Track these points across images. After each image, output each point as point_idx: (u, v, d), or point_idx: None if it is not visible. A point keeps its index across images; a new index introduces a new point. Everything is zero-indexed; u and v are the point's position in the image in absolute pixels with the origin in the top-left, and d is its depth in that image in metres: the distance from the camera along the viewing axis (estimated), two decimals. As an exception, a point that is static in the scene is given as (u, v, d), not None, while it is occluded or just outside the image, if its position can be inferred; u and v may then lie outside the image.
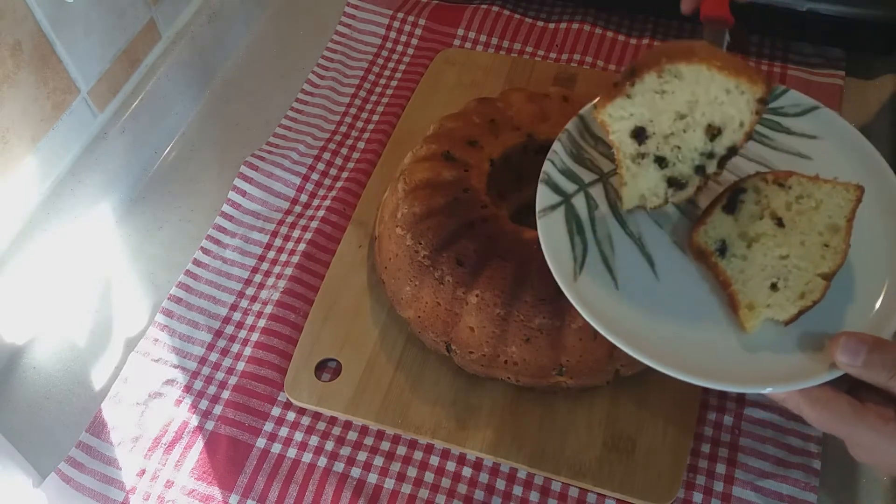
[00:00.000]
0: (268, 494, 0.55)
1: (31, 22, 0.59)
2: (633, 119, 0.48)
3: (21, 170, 0.61)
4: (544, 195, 0.52)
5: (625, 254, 0.50)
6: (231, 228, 0.69)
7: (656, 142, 0.48)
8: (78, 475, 0.57)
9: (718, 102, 0.45)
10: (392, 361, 0.60)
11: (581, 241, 0.50)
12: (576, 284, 0.48)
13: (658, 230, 0.51)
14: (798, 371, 0.45)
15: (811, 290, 0.46)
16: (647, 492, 0.54)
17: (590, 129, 0.55)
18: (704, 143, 0.47)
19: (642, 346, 0.46)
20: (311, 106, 0.78)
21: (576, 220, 0.51)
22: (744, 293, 0.47)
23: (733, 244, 0.48)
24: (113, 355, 0.63)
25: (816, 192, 0.48)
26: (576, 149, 0.54)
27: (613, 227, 0.51)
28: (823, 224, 0.48)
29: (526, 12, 0.84)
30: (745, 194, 0.49)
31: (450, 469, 0.56)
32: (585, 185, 0.53)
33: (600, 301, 0.48)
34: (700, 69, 0.45)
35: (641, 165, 0.49)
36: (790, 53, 0.79)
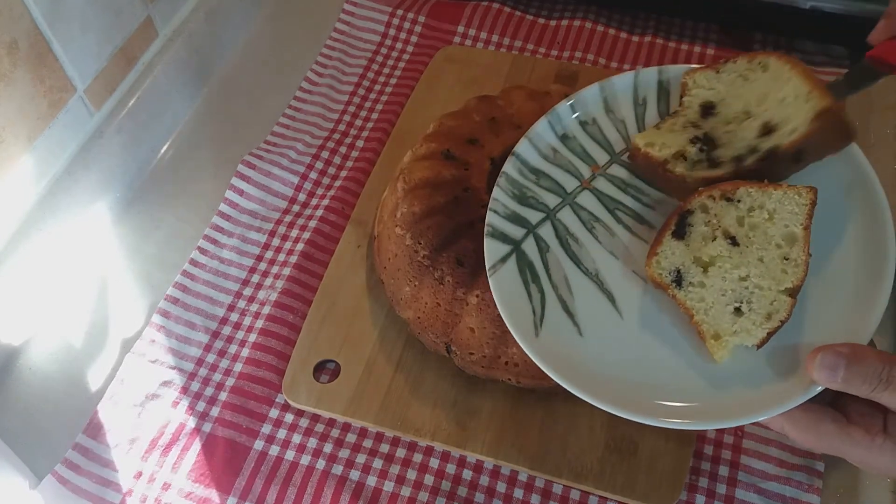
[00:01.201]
0: (265, 497, 0.55)
1: (27, 20, 0.59)
2: (710, 93, 0.50)
3: (17, 169, 0.61)
4: (492, 249, 0.50)
5: (584, 295, 0.48)
6: (228, 228, 0.68)
7: (716, 122, 0.49)
8: (74, 477, 0.56)
9: (785, 103, 0.46)
10: (391, 362, 0.60)
11: (538, 290, 0.49)
12: (538, 340, 0.47)
13: (613, 260, 0.50)
14: (775, 395, 0.43)
15: (777, 309, 0.44)
16: (649, 494, 0.53)
17: (528, 165, 0.53)
18: (754, 138, 0.47)
19: (614, 398, 0.44)
20: (310, 104, 0.77)
21: (529, 268, 0.50)
22: (707, 323, 0.45)
23: (688, 272, 0.46)
24: (109, 356, 0.63)
25: (767, 201, 0.45)
26: (517, 189, 0.52)
27: (568, 266, 0.50)
28: (780, 235, 0.45)
29: (527, 9, 0.84)
30: (692, 216, 0.46)
31: (450, 471, 0.56)
32: (533, 227, 0.51)
33: (565, 355, 0.46)
34: (784, 67, 0.48)
35: (683, 131, 0.49)
36: (793, 51, 0.79)
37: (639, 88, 0.54)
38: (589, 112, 0.54)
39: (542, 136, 0.54)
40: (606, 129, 0.54)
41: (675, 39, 0.81)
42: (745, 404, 0.43)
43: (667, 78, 0.54)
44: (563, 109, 0.54)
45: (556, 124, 0.54)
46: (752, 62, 0.49)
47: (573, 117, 0.54)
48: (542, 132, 0.54)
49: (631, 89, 0.54)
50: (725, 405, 0.43)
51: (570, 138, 0.54)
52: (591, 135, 0.54)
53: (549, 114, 0.54)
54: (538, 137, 0.54)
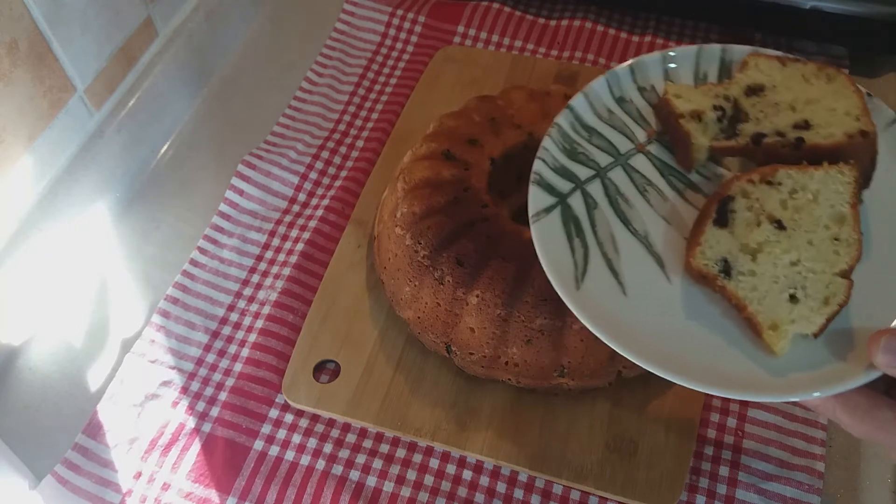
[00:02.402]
0: (265, 497, 0.55)
1: (27, 20, 0.58)
2: (765, 78, 0.50)
3: (17, 169, 0.61)
4: (537, 197, 0.48)
5: (631, 255, 0.47)
6: (228, 228, 0.68)
7: (756, 102, 0.49)
8: (74, 477, 0.56)
9: (834, 113, 0.47)
10: (391, 362, 0.59)
11: (581, 244, 0.47)
12: (578, 294, 0.45)
13: (664, 225, 0.48)
14: (831, 375, 0.41)
15: (834, 292, 0.42)
16: (649, 495, 0.53)
17: (582, 121, 0.51)
18: (786, 126, 0.47)
19: (659, 360, 0.42)
20: (310, 104, 0.77)
21: (574, 222, 0.48)
22: (763, 314, 0.42)
23: (737, 261, 0.44)
24: (109, 356, 0.63)
25: (810, 182, 0.44)
26: (568, 143, 0.51)
27: (616, 225, 0.48)
28: (827, 216, 0.43)
29: (527, 9, 0.84)
30: (733, 202, 0.45)
31: (450, 472, 0.56)
32: (582, 183, 0.49)
33: (608, 311, 0.44)
34: (849, 87, 0.48)
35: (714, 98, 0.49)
36: (793, 51, 0.78)
37: (701, 63, 0.53)
38: (649, 79, 0.53)
39: (598, 94, 0.52)
40: None
41: (675, 40, 0.81)
42: (797, 380, 0.41)
43: (729, 57, 0.53)
44: (622, 71, 0.53)
45: (613, 85, 0.53)
46: (822, 70, 0.50)
47: (632, 82, 0.53)
48: (599, 90, 0.52)
49: (693, 63, 0.53)
50: (778, 377, 0.42)
51: (627, 101, 0.52)
52: (649, 101, 0.52)
53: (608, 73, 0.53)
54: (595, 95, 0.52)
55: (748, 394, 0.42)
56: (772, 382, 0.41)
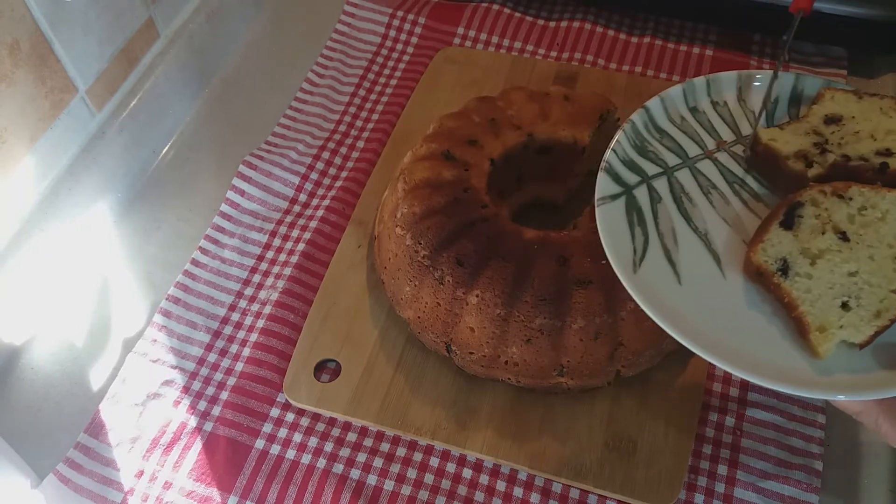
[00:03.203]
0: (266, 496, 0.55)
1: (29, 21, 0.59)
2: (842, 109, 0.52)
3: (19, 169, 0.61)
4: (604, 184, 0.50)
5: (689, 249, 0.48)
6: (229, 228, 0.69)
7: (835, 130, 0.51)
8: (76, 476, 0.56)
9: None
10: (392, 362, 0.60)
11: (642, 233, 0.49)
12: (635, 277, 0.47)
13: (724, 226, 0.50)
14: (875, 381, 0.42)
15: (887, 307, 0.43)
16: (648, 493, 0.53)
17: (655, 122, 0.54)
18: (868, 151, 0.49)
19: (709, 345, 0.43)
20: (310, 105, 0.78)
21: (637, 212, 0.50)
22: (813, 315, 0.43)
23: (796, 262, 0.45)
24: (111, 356, 0.63)
25: (880, 202, 0.46)
26: (639, 140, 0.53)
27: (677, 220, 0.50)
28: (892, 235, 0.45)
29: (526, 11, 0.84)
30: (802, 208, 0.46)
31: (450, 470, 0.56)
32: (649, 178, 0.51)
33: (662, 296, 0.46)
34: None
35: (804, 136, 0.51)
36: (792, 52, 0.79)
37: (773, 88, 0.55)
38: (722, 95, 0.56)
39: (674, 100, 0.55)
40: (736, 113, 0.55)
41: (675, 41, 0.81)
42: (844, 383, 0.42)
43: (801, 86, 0.55)
44: (699, 83, 0.55)
45: (689, 95, 0.55)
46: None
47: (706, 94, 0.55)
48: (675, 97, 0.55)
49: (766, 87, 0.55)
50: (821, 380, 0.43)
51: (700, 112, 0.55)
52: (720, 115, 0.55)
53: (685, 83, 0.55)
54: (670, 101, 0.55)
55: (794, 387, 0.42)
56: (818, 379, 0.43)
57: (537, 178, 0.65)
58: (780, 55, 0.68)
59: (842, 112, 0.52)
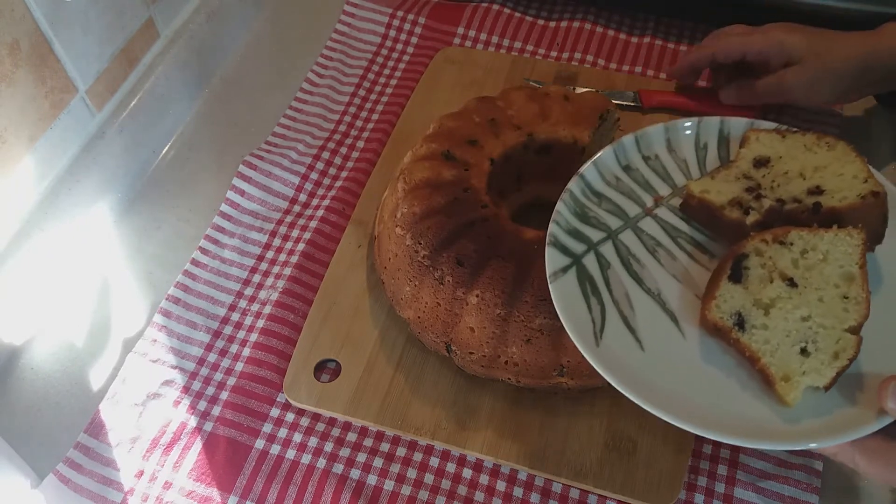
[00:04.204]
0: (266, 496, 0.55)
1: (29, 21, 0.59)
2: (769, 150, 0.53)
3: (19, 169, 0.61)
4: (553, 258, 0.51)
5: (645, 312, 0.49)
6: (229, 228, 0.69)
7: (766, 173, 0.52)
8: (76, 476, 0.56)
9: (842, 178, 0.50)
10: (392, 362, 0.60)
11: (598, 302, 0.49)
12: (598, 350, 0.47)
13: (675, 283, 0.50)
14: (844, 422, 0.43)
15: (843, 347, 0.44)
16: (648, 493, 0.53)
17: (592, 188, 0.55)
18: (800, 192, 0.50)
19: (680, 412, 0.44)
20: (310, 105, 0.78)
21: (589, 281, 0.50)
22: (775, 365, 0.44)
23: (750, 315, 0.46)
24: (111, 356, 0.63)
25: (820, 243, 0.47)
26: (579, 208, 0.53)
27: (629, 284, 0.50)
28: (836, 275, 0.46)
29: (526, 11, 0.84)
30: (747, 260, 0.47)
31: (450, 470, 0.56)
32: (594, 245, 0.52)
33: (627, 366, 0.46)
34: (851, 152, 0.52)
35: (735, 182, 0.52)
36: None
37: (701, 134, 0.57)
38: (652, 148, 0.57)
39: (606, 163, 0.56)
40: (668, 165, 0.56)
41: (675, 41, 0.81)
42: (812, 428, 0.43)
43: (727, 129, 0.57)
44: (628, 142, 0.56)
45: (620, 155, 0.56)
46: (821, 140, 0.53)
47: (637, 151, 0.56)
48: (606, 160, 0.56)
49: (694, 134, 0.57)
50: (792, 427, 0.43)
51: (634, 170, 0.56)
52: (653, 169, 0.56)
53: (614, 143, 0.56)
54: (602, 164, 0.55)
55: (766, 442, 0.43)
56: (787, 430, 0.43)
57: (537, 178, 0.65)
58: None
59: (769, 153, 0.53)
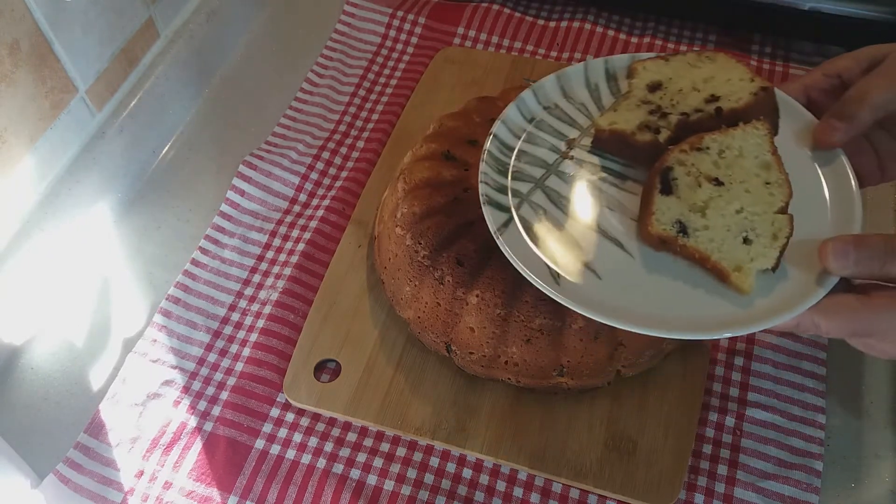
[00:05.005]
0: (266, 496, 0.55)
1: (29, 21, 0.59)
2: (658, 75, 0.56)
3: (19, 169, 0.61)
4: (492, 216, 0.52)
5: (591, 244, 0.51)
6: (229, 228, 0.69)
7: (662, 95, 0.55)
8: (76, 476, 0.56)
9: (731, 82, 0.54)
10: (392, 362, 0.60)
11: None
12: (561, 287, 0.48)
13: (609, 212, 0.52)
14: (796, 295, 0.46)
15: (779, 227, 0.47)
16: (648, 493, 0.53)
17: (506, 144, 0.56)
18: (699, 103, 0.53)
19: (653, 323, 0.46)
20: (310, 105, 0.78)
21: (532, 230, 0.51)
22: (725, 259, 0.47)
23: (689, 220, 0.48)
24: (111, 356, 0.63)
25: (732, 141, 0.50)
26: (501, 165, 0.55)
27: (568, 224, 0.52)
28: (755, 165, 0.50)
29: (526, 11, 0.84)
30: (672, 171, 0.50)
31: (450, 470, 0.56)
32: (525, 196, 0.53)
33: (591, 295, 0.48)
34: (731, 60, 0.56)
35: (637, 108, 0.54)
36: (792, 52, 0.79)
37: (590, 76, 0.59)
38: (550, 98, 0.59)
39: (513, 119, 0.57)
40: (569, 111, 0.58)
41: (675, 41, 0.81)
42: (773, 309, 0.46)
43: (612, 66, 0.59)
44: (528, 97, 0.58)
45: (524, 110, 0.58)
46: (701, 55, 0.57)
47: (537, 103, 0.58)
48: (512, 117, 0.57)
49: (583, 77, 0.59)
50: (754, 314, 0.46)
51: (540, 121, 0.57)
52: (557, 117, 0.58)
53: (517, 100, 0.58)
54: (511, 121, 0.57)
55: (731, 330, 0.46)
56: (749, 315, 0.46)
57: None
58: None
59: (659, 78, 0.56)
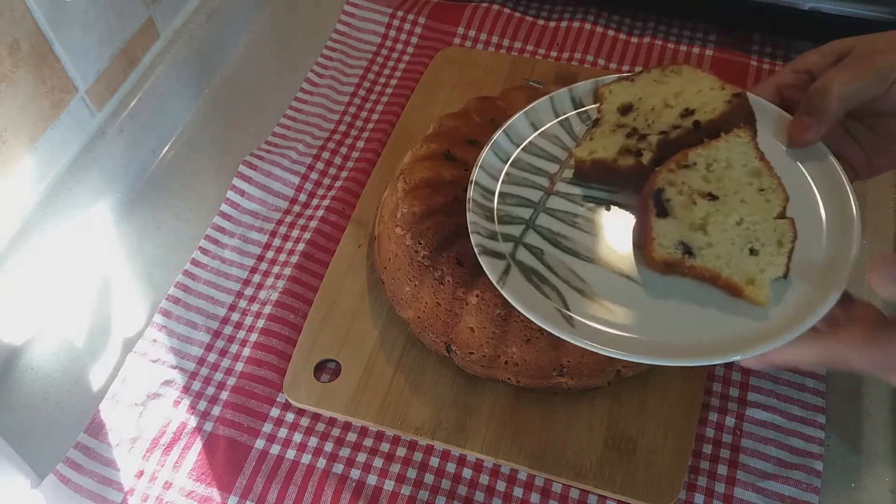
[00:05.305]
0: (266, 496, 0.55)
1: (29, 21, 0.59)
2: (627, 96, 0.56)
3: (19, 169, 0.61)
4: (490, 266, 0.51)
5: (597, 279, 0.49)
6: (229, 228, 0.69)
7: (636, 116, 0.54)
8: (76, 476, 0.56)
9: (701, 94, 0.53)
10: (392, 362, 0.60)
11: (551, 289, 0.49)
12: (576, 329, 0.47)
13: (606, 242, 0.51)
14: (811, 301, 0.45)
15: (782, 233, 0.47)
16: (648, 493, 0.53)
17: (489, 189, 0.55)
18: (675, 119, 0.53)
19: (673, 353, 0.45)
20: (310, 105, 0.78)
21: (533, 274, 0.50)
22: (736, 274, 0.46)
23: (692, 239, 0.47)
24: (111, 356, 0.63)
25: (717, 153, 0.49)
26: (487, 212, 0.54)
27: (569, 260, 0.51)
28: (745, 174, 0.49)
29: (526, 11, 0.84)
30: (664, 193, 0.49)
31: (450, 470, 0.56)
32: (519, 239, 0.52)
33: (606, 331, 0.47)
34: (696, 71, 0.55)
35: (613, 134, 0.54)
36: (792, 52, 0.79)
37: (557, 109, 0.59)
38: (523, 136, 0.58)
39: (490, 164, 0.56)
40: (544, 146, 0.57)
41: (675, 41, 0.81)
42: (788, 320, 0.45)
43: (578, 94, 0.59)
44: (500, 138, 0.57)
45: (499, 152, 0.57)
46: (666, 70, 0.56)
47: (511, 144, 0.58)
48: (490, 161, 0.56)
49: (551, 110, 0.59)
50: (771, 328, 0.45)
51: (518, 160, 0.57)
52: (533, 153, 0.57)
53: (491, 145, 0.57)
54: (488, 165, 0.56)
55: (755, 349, 0.44)
56: (766, 330, 0.45)
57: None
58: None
59: (629, 99, 0.55)
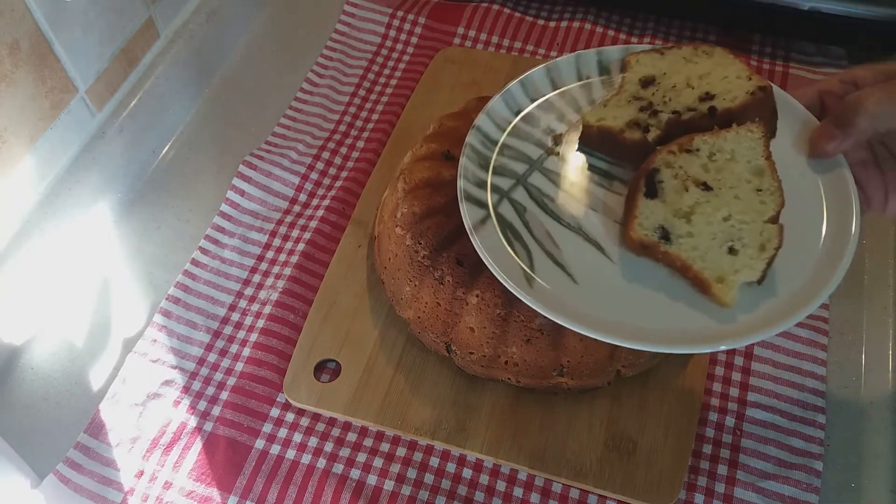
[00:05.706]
0: (266, 496, 0.55)
1: (29, 21, 0.59)
2: (652, 69, 0.54)
3: (19, 169, 0.61)
4: (469, 211, 0.50)
5: (570, 247, 0.49)
6: (229, 228, 0.69)
7: (655, 91, 0.53)
8: (76, 476, 0.56)
9: (727, 80, 0.51)
10: (392, 362, 0.60)
11: (522, 246, 0.49)
12: (533, 290, 0.47)
13: (593, 213, 0.51)
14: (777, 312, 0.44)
15: (768, 238, 0.45)
16: (648, 493, 0.53)
17: (490, 138, 0.54)
18: (692, 101, 0.51)
19: (626, 334, 0.44)
20: (310, 105, 0.78)
21: (509, 228, 0.50)
22: (708, 269, 0.44)
23: (673, 226, 0.46)
24: (111, 356, 0.63)
25: (724, 143, 0.48)
26: (483, 160, 0.53)
27: (549, 223, 0.50)
28: (747, 171, 0.47)
29: (526, 11, 0.84)
30: (659, 174, 0.48)
31: (450, 470, 0.56)
32: (506, 192, 0.52)
33: (564, 299, 0.46)
34: (728, 56, 0.53)
35: (628, 105, 0.52)
36: (792, 52, 0.79)
37: (581, 69, 0.57)
38: (540, 91, 0.57)
39: (499, 111, 0.56)
40: (558, 104, 0.56)
41: (675, 41, 0.81)
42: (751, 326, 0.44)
43: (606, 58, 0.57)
44: (515, 88, 0.56)
45: (510, 102, 0.56)
46: (698, 49, 0.54)
47: (525, 96, 0.57)
48: (498, 109, 0.56)
49: (575, 69, 0.57)
50: (731, 329, 0.44)
51: (527, 114, 0.56)
52: (545, 110, 0.56)
53: (503, 93, 0.56)
54: (495, 113, 0.56)
55: (707, 345, 0.44)
56: (725, 330, 0.44)
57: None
58: None
59: (653, 72, 0.54)
